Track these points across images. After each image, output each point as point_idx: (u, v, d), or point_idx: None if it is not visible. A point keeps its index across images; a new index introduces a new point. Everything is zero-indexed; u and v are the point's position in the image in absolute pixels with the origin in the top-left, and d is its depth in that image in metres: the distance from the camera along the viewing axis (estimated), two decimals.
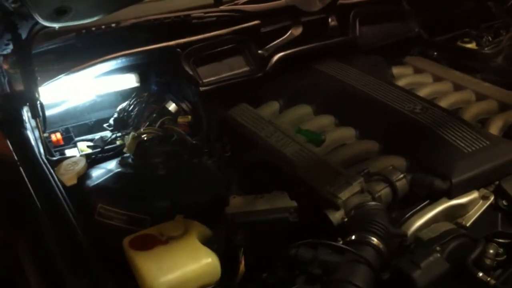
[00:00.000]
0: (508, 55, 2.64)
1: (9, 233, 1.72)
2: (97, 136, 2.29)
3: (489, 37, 2.81)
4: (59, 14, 1.54)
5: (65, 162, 1.91)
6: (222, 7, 2.54)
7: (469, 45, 2.79)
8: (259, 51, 2.49)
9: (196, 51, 2.36)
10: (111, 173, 1.84)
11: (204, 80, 2.35)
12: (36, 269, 1.59)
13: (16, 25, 1.82)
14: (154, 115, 2.23)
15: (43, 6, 1.52)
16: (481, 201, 1.75)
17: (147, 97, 2.34)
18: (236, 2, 2.63)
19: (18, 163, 1.83)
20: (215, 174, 1.94)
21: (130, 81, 2.42)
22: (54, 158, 1.96)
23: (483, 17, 2.99)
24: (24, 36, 1.87)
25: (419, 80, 2.50)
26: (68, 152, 2.14)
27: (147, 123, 2.18)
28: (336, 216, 1.61)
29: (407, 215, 1.70)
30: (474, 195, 1.75)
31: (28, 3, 1.51)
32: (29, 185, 1.73)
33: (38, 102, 1.97)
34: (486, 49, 2.73)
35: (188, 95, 2.32)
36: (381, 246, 1.47)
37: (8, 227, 1.73)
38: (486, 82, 2.42)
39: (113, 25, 2.31)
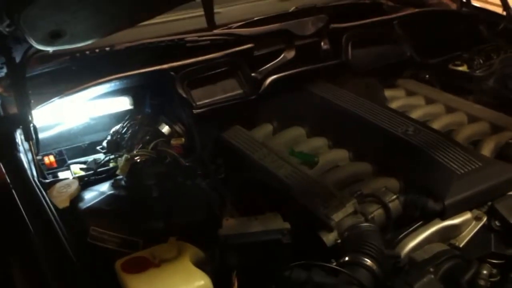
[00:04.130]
0: (499, 77, 2.65)
1: (2, 256, 1.71)
2: (90, 158, 2.28)
3: (481, 60, 2.82)
4: (53, 37, 1.55)
5: (58, 185, 1.90)
6: (215, 31, 2.56)
7: (460, 68, 2.81)
8: (253, 74, 2.50)
9: (190, 74, 2.37)
10: (104, 195, 1.83)
11: (198, 103, 2.35)
12: None
13: (10, 49, 1.82)
14: (148, 137, 2.22)
15: (37, 30, 1.53)
16: (474, 222, 1.76)
17: (141, 119, 2.34)
18: (229, 25, 2.65)
19: (11, 185, 1.83)
20: (209, 196, 1.93)
21: (124, 103, 2.41)
22: (47, 181, 1.95)
23: (474, 41, 3.02)
24: (18, 59, 1.88)
25: (411, 102, 2.52)
26: (61, 175, 2.12)
27: (141, 145, 2.18)
28: (330, 238, 1.61)
29: (400, 236, 1.70)
30: (467, 216, 1.76)
31: (22, 27, 1.52)
32: (21, 208, 1.72)
33: (32, 125, 1.96)
34: (477, 71, 2.74)
35: (181, 117, 2.32)
36: (374, 267, 1.47)
37: (0, 249, 1.72)
38: (478, 104, 2.44)
39: (107, 48, 2.32)
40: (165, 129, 2.28)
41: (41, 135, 2.04)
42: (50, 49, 1.67)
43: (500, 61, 2.74)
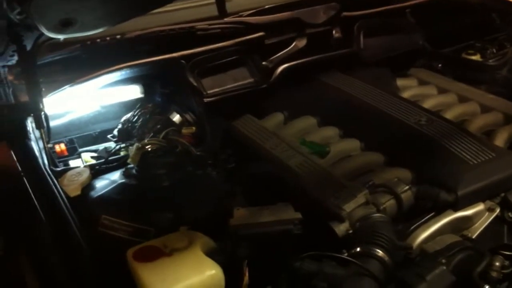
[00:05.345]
0: None
1: (12, 244, 1.71)
2: (101, 147, 2.28)
3: (494, 49, 2.80)
4: (64, 25, 1.55)
5: (69, 173, 1.91)
6: (226, 19, 2.55)
7: (473, 57, 2.79)
8: (263, 63, 2.50)
9: (201, 62, 2.37)
10: (115, 184, 1.83)
11: (208, 91, 2.35)
12: (38, 280, 1.58)
13: (21, 37, 1.82)
14: (159, 126, 2.23)
15: (48, 18, 1.52)
16: (486, 213, 1.75)
17: (152, 108, 2.34)
18: (240, 14, 2.63)
19: (22, 173, 1.83)
20: (219, 185, 1.93)
21: (135, 92, 2.42)
22: (58, 169, 1.96)
23: (487, 30, 2.99)
24: (29, 47, 1.88)
25: (423, 92, 2.50)
26: (72, 163, 2.13)
27: (151, 134, 2.18)
28: (341, 228, 1.60)
29: (412, 227, 1.69)
30: (480, 207, 1.75)
31: (33, 15, 1.51)
32: (33, 196, 1.73)
33: (43, 113, 1.97)
34: (490, 61, 2.72)
35: (192, 106, 2.32)
36: (386, 258, 1.47)
37: (11, 237, 1.73)
38: (491, 94, 2.41)
39: (118, 36, 2.32)
40: (176, 118, 2.28)
41: (52, 123, 2.05)
42: (61, 37, 1.67)
43: None
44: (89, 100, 2.33)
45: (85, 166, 1.99)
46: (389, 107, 2.17)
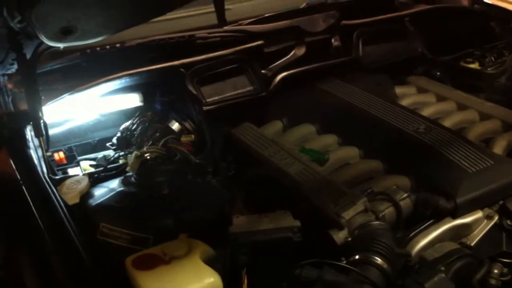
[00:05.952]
0: (511, 75, 2.63)
1: (12, 252, 1.71)
2: (100, 155, 2.28)
3: (492, 57, 2.81)
4: (64, 34, 1.56)
5: (68, 181, 1.90)
6: (226, 28, 2.56)
7: (472, 65, 2.79)
8: (263, 71, 2.51)
9: (200, 70, 2.37)
10: (113, 192, 1.83)
11: (208, 100, 2.36)
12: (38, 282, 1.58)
13: (21, 45, 1.82)
14: (158, 134, 2.23)
15: (48, 26, 1.53)
16: (485, 221, 1.75)
17: (151, 116, 2.34)
18: (240, 22, 2.64)
19: (21, 181, 1.83)
20: (219, 193, 1.93)
21: (134, 100, 2.42)
22: (57, 177, 1.96)
23: (486, 38, 3.00)
24: (29, 55, 1.88)
25: (422, 100, 2.50)
26: (71, 171, 2.13)
27: (150, 142, 2.18)
28: (340, 236, 1.60)
29: (411, 235, 1.69)
30: (478, 214, 1.75)
31: (34, 23, 1.52)
32: (31, 204, 1.73)
33: (42, 121, 1.97)
34: (489, 69, 2.73)
35: (191, 114, 2.32)
36: (385, 266, 1.46)
37: (10, 245, 1.73)
38: (489, 101, 2.42)
39: (118, 45, 2.33)
40: (175, 126, 2.28)
41: (51, 132, 2.05)
42: (61, 45, 1.67)
43: None
44: (88, 108, 2.33)
45: (84, 174, 1.99)
46: (388, 115, 2.18)
